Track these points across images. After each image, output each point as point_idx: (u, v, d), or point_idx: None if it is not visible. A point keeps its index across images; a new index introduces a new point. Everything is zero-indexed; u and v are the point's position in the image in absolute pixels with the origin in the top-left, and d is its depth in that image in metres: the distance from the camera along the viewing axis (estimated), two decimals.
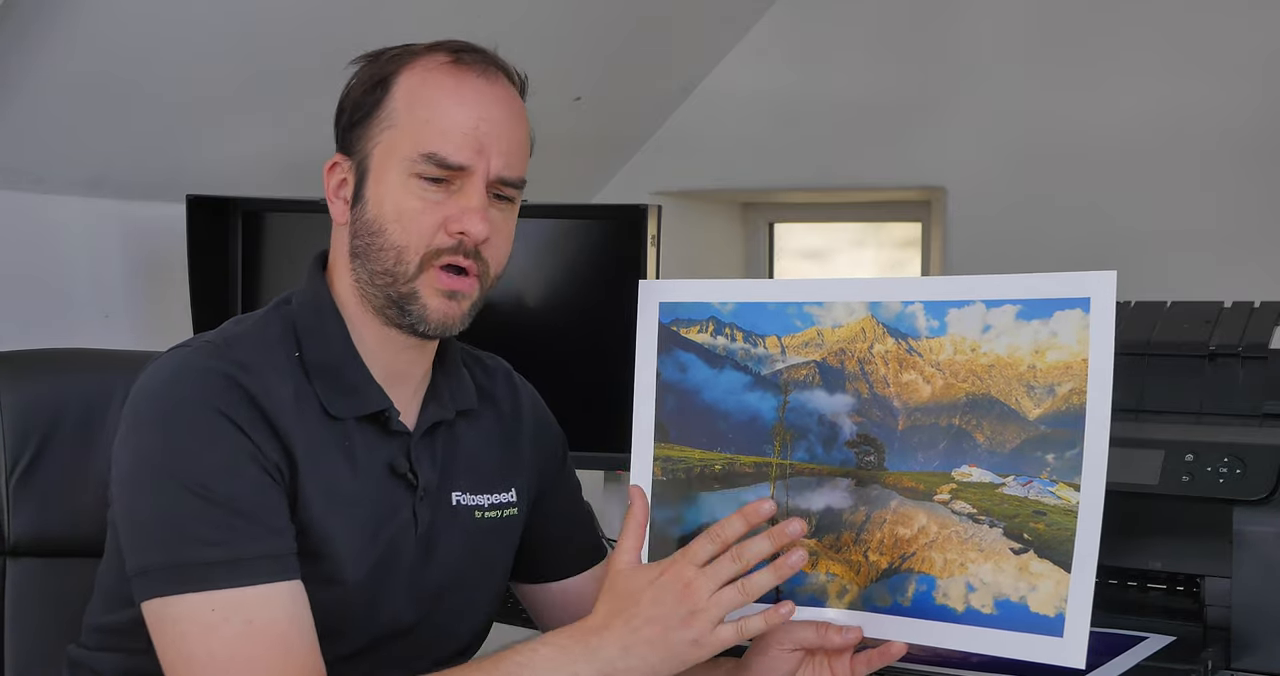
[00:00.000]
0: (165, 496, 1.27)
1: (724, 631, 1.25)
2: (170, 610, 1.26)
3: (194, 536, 1.26)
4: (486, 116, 1.35)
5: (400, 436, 1.40)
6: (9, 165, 2.18)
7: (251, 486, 1.29)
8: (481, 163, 1.35)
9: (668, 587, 1.25)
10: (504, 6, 2.47)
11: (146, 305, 2.42)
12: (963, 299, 1.30)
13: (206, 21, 2.17)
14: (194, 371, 1.32)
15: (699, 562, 1.26)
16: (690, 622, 1.24)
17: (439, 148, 1.34)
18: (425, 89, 1.36)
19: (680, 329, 1.40)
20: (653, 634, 1.25)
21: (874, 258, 3.33)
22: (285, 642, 1.26)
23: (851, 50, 2.93)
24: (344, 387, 1.37)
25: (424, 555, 1.41)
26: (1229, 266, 2.56)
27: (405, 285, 1.35)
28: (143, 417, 1.32)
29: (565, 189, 2.96)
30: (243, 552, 1.26)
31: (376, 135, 1.37)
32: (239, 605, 1.25)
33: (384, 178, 1.36)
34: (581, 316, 2.17)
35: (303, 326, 1.39)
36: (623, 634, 1.25)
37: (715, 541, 1.27)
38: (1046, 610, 1.23)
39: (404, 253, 1.35)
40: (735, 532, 1.27)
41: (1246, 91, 2.57)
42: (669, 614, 1.25)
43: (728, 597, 1.25)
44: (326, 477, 1.34)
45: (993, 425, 1.27)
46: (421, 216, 1.34)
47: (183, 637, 1.25)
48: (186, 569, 1.25)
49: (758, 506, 1.28)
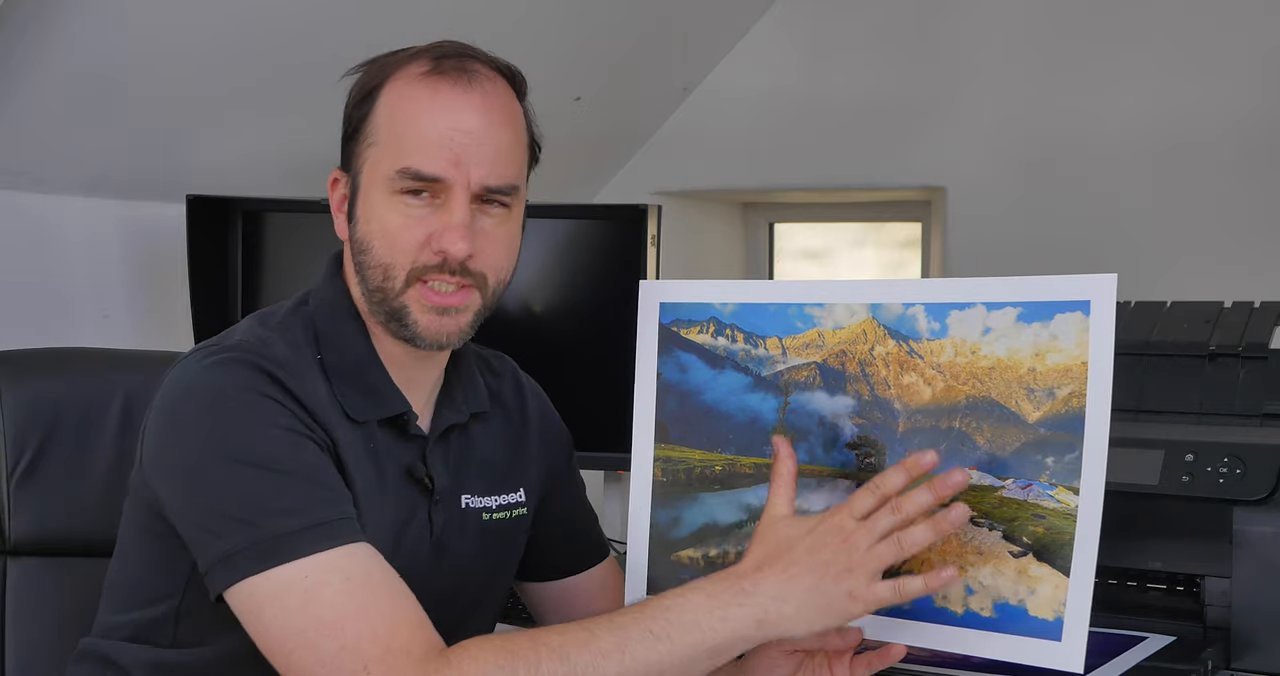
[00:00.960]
0: (234, 477, 1.26)
1: (881, 588, 1.21)
2: (264, 589, 1.23)
3: (272, 509, 1.24)
4: (460, 126, 1.33)
5: (417, 440, 1.40)
6: (9, 165, 2.18)
7: (312, 454, 1.28)
8: (460, 175, 1.32)
9: (826, 537, 1.21)
10: (504, 6, 2.47)
11: (146, 305, 2.42)
12: (964, 301, 1.30)
13: (206, 22, 2.17)
14: (231, 364, 1.31)
15: (859, 515, 1.22)
16: (846, 576, 1.20)
17: (412, 162, 1.32)
18: (402, 103, 1.34)
19: (681, 329, 1.40)
20: (809, 582, 1.20)
21: (874, 258, 3.33)
22: (389, 590, 1.24)
23: (852, 50, 2.92)
24: (365, 390, 1.37)
25: (436, 559, 1.41)
26: (1229, 266, 2.56)
27: (395, 300, 1.35)
28: (187, 410, 1.30)
29: (565, 189, 2.96)
30: (321, 516, 1.25)
31: (363, 151, 1.36)
32: (332, 566, 1.23)
33: (370, 195, 1.35)
34: (581, 316, 2.17)
35: (322, 329, 1.38)
36: (778, 580, 1.21)
37: (875, 494, 1.22)
38: (1045, 614, 1.23)
39: (390, 269, 1.34)
40: (895, 485, 1.22)
41: (1247, 92, 2.57)
42: (826, 563, 1.20)
43: (884, 551, 1.20)
44: (359, 480, 1.34)
45: (993, 428, 1.27)
46: (404, 233, 1.33)
47: (286, 611, 1.22)
48: (272, 543, 1.23)
49: (919, 458, 1.23)
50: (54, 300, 2.31)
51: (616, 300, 2.08)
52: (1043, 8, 2.77)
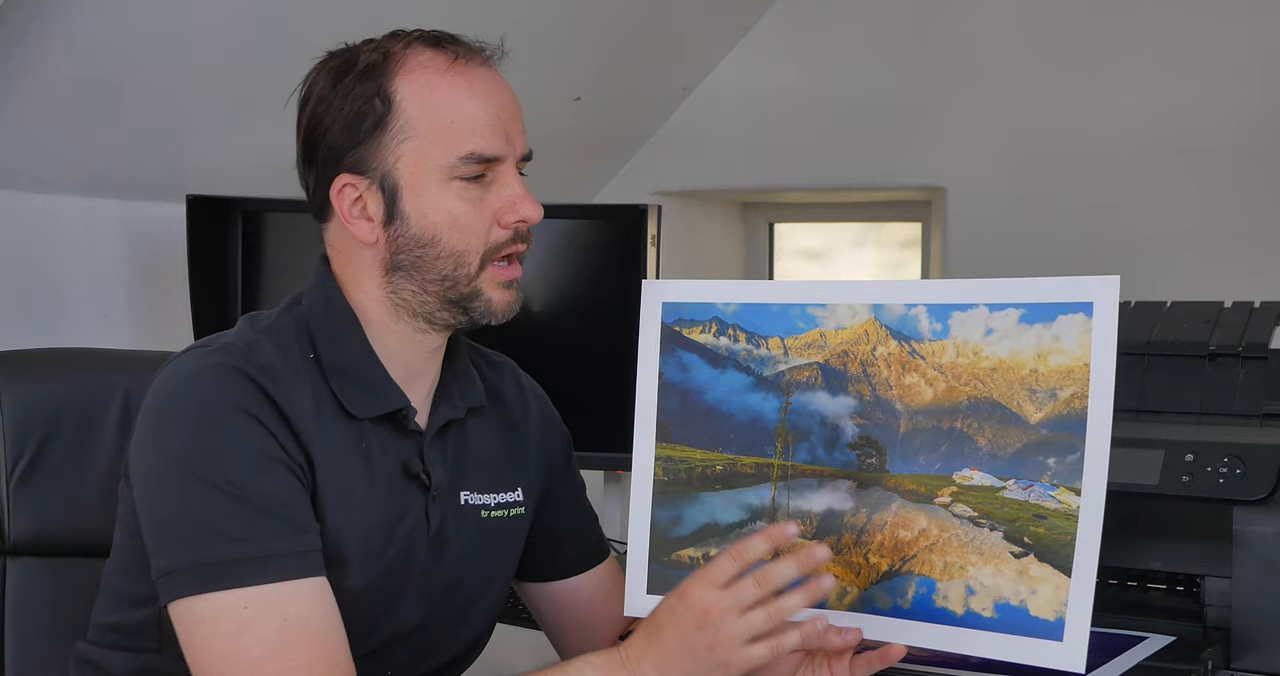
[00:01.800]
0: (193, 494, 1.27)
1: (755, 650, 1.23)
2: (201, 609, 1.25)
3: (222, 534, 1.25)
4: (501, 102, 1.37)
5: (414, 436, 1.40)
6: (9, 165, 2.18)
7: (278, 483, 1.29)
8: (511, 149, 1.37)
9: (686, 614, 1.24)
10: (505, 6, 2.47)
11: (146, 305, 2.42)
12: (966, 302, 1.30)
13: (206, 22, 2.17)
14: (217, 370, 1.31)
15: (720, 583, 1.24)
16: (714, 651, 1.23)
17: (474, 146, 1.34)
18: (437, 92, 1.35)
19: (683, 329, 1.40)
20: (685, 663, 1.24)
21: (874, 258, 3.33)
22: (322, 639, 1.25)
23: (852, 50, 2.93)
24: (362, 386, 1.37)
25: (434, 556, 1.41)
26: (1229, 266, 2.56)
27: (468, 286, 1.36)
28: (166, 415, 1.31)
29: (565, 189, 2.96)
30: (271, 549, 1.26)
31: (394, 148, 1.35)
32: (272, 602, 1.24)
33: (422, 190, 1.35)
34: (581, 316, 2.17)
35: (316, 328, 1.38)
36: (656, 661, 1.25)
37: (737, 562, 1.24)
38: (1046, 614, 1.23)
39: (464, 256, 1.35)
40: (758, 554, 1.24)
41: (1246, 91, 2.57)
42: (693, 645, 1.23)
43: (755, 621, 1.23)
44: (343, 483, 1.34)
45: (994, 428, 1.27)
46: (473, 218, 1.35)
47: (216, 637, 1.24)
48: (216, 567, 1.24)
49: (783, 529, 1.25)
50: (54, 300, 2.31)
51: (616, 300, 2.09)
52: (1043, 7, 2.77)
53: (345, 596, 1.32)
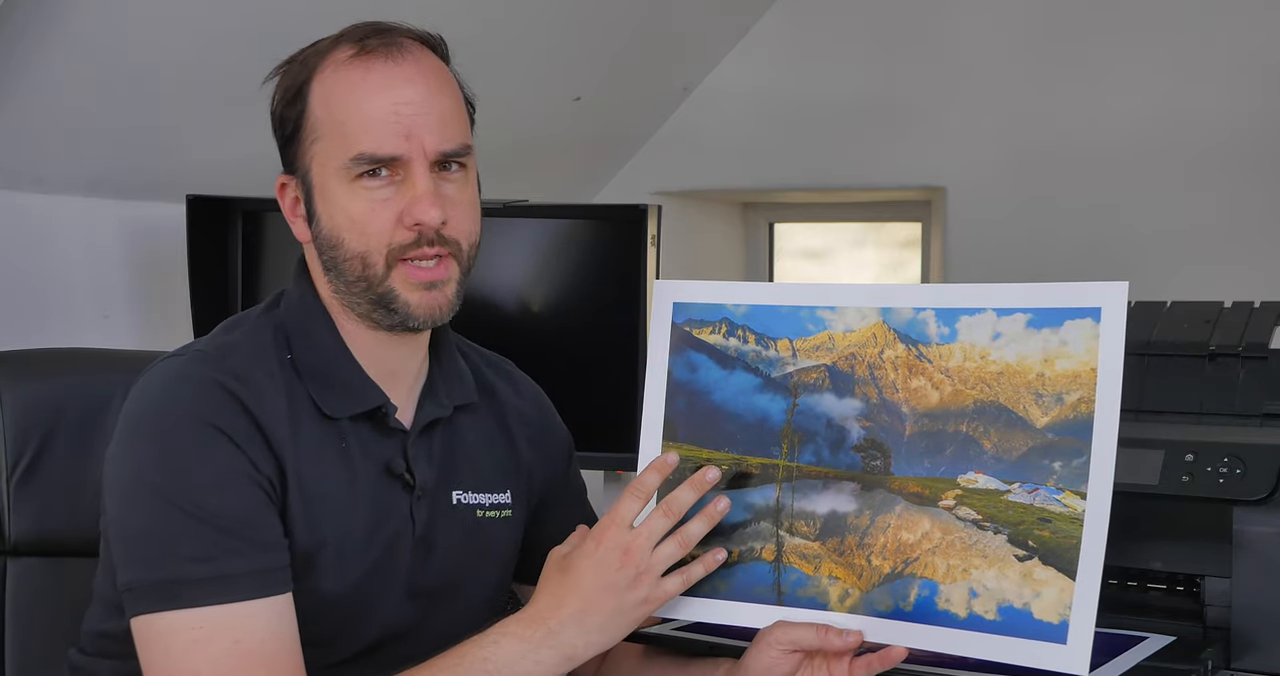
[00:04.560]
0: (156, 512, 1.27)
1: (669, 584, 1.29)
2: (156, 627, 1.26)
3: (181, 553, 1.26)
4: (402, 99, 1.33)
5: (397, 435, 1.39)
6: (9, 165, 2.18)
7: (242, 502, 1.28)
8: (414, 147, 1.32)
9: (608, 557, 1.27)
10: (505, 7, 2.47)
11: (146, 305, 2.42)
12: (974, 306, 1.30)
13: (206, 22, 2.16)
14: (188, 381, 1.31)
15: (627, 522, 1.28)
16: (637, 585, 1.27)
17: (364, 146, 1.32)
18: (336, 90, 1.34)
19: (693, 329, 1.40)
20: (608, 607, 1.27)
21: (874, 258, 3.34)
22: (272, 661, 1.26)
23: (851, 50, 2.93)
24: (338, 386, 1.36)
25: (422, 556, 1.40)
26: (1229, 266, 2.57)
27: (380, 286, 1.34)
28: (137, 429, 1.31)
29: (565, 189, 2.96)
30: (230, 569, 1.26)
31: (309, 149, 1.35)
32: (226, 623, 1.25)
33: (327, 191, 1.34)
34: (581, 317, 2.17)
35: (292, 329, 1.38)
36: (578, 615, 1.27)
37: (640, 499, 1.29)
38: (1050, 617, 1.23)
39: (368, 257, 1.34)
40: (652, 488, 1.30)
41: (1246, 92, 2.58)
42: (615, 584, 1.27)
43: (669, 551, 1.29)
44: (320, 487, 1.33)
45: (1000, 432, 1.27)
46: (373, 218, 1.33)
47: (167, 654, 1.25)
48: (173, 586, 1.25)
49: (664, 459, 1.32)
50: (54, 300, 2.30)
51: (616, 300, 2.09)
52: (1042, 8, 2.77)
53: (325, 598, 1.33)
